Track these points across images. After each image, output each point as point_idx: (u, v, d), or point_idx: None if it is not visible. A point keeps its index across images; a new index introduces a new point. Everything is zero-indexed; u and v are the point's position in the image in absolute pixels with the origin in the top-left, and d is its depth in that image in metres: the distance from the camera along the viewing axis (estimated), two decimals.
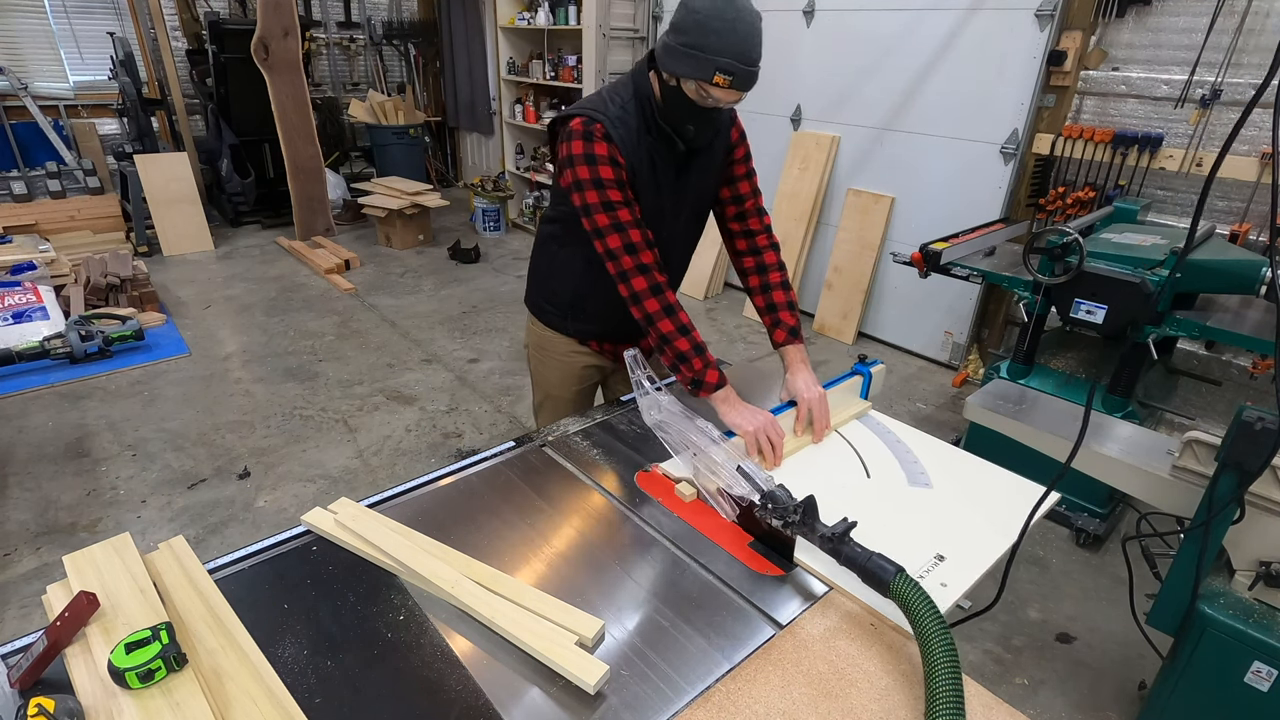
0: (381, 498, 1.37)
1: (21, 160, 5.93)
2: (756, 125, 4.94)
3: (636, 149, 1.52)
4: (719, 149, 1.69)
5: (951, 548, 1.25)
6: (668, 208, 1.65)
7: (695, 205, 1.73)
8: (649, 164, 1.56)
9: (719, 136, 1.68)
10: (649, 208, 1.59)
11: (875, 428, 1.66)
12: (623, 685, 0.99)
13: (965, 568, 1.20)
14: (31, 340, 3.82)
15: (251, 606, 1.08)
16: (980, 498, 1.41)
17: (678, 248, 1.80)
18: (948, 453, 1.57)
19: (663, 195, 1.62)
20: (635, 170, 1.53)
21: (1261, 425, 1.31)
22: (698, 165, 1.66)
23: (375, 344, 4.36)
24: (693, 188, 1.68)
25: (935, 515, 1.35)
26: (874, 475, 1.48)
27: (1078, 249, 2.38)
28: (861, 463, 1.51)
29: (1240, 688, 1.54)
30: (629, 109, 1.52)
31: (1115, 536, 2.80)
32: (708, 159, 1.67)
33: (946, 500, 1.40)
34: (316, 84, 7.34)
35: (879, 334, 4.62)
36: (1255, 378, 3.14)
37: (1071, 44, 3.38)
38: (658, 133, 1.54)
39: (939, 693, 0.91)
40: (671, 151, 1.58)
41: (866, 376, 1.75)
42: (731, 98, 1.45)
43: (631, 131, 1.51)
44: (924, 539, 1.27)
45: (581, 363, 1.91)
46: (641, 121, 1.53)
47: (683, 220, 1.73)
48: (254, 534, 2.70)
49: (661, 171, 1.59)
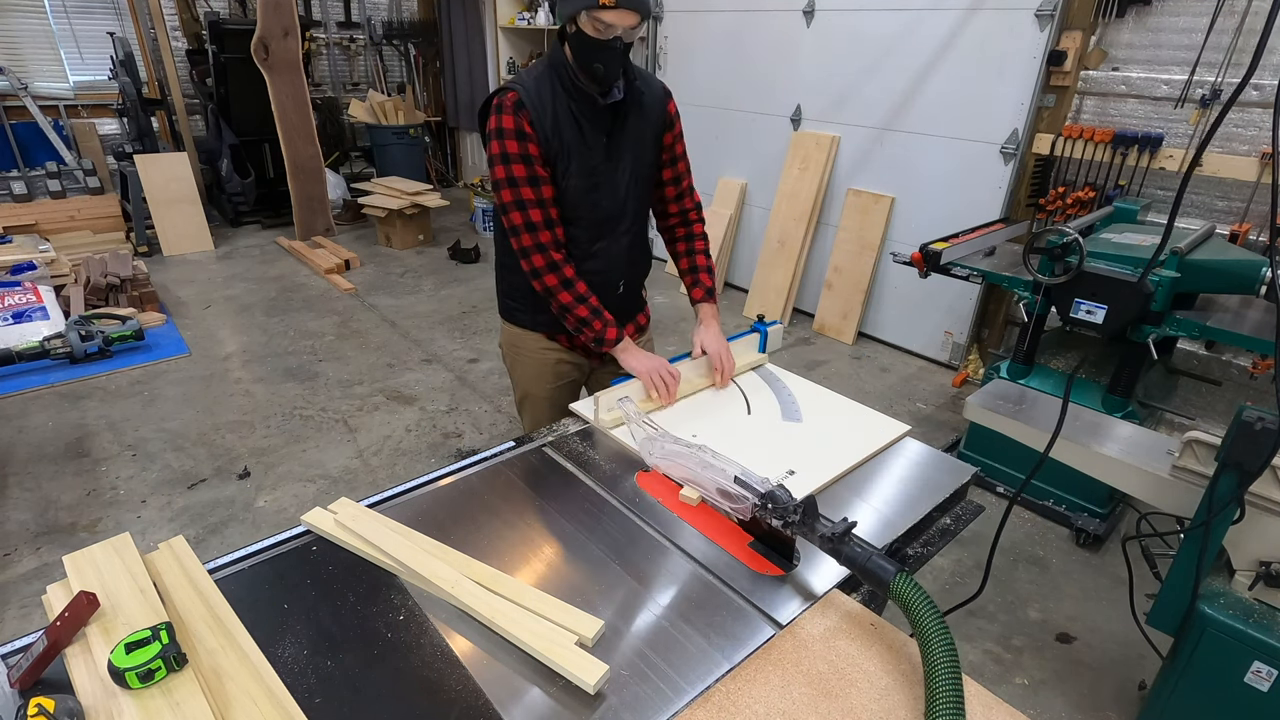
0: (381, 498, 1.37)
1: (21, 160, 5.93)
2: (757, 125, 4.95)
3: (554, 112, 1.60)
4: (651, 120, 1.75)
5: (802, 464, 1.47)
6: (602, 175, 1.70)
7: (635, 173, 1.75)
8: (572, 125, 1.62)
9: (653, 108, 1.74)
10: (579, 172, 1.66)
11: (766, 376, 1.90)
12: (623, 685, 0.99)
13: (810, 478, 1.43)
14: (31, 340, 3.82)
15: (251, 606, 1.08)
16: (841, 429, 1.63)
17: (627, 219, 1.80)
18: (827, 397, 1.79)
19: (594, 160, 1.67)
20: (554, 134, 1.60)
21: (1261, 425, 1.31)
22: (631, 130, 1.71)
23: (375, 344, 4.36)
24: (629, 150, 1.72)
25: (798, 441, 1.59)
26: (754, 411, 1.71)
27: (1078, 249, 2.38)
28: (746, 402, 1.75)
29: (1240, 688, 1.54)
30: (544, 76, 1.62)
31: (1115, 536, 2.80)
32: (641, 125, 1.73)
33: (811, 431, 1.63)
34: (316, 84, 7.34)
35: (879, 334, 4.62)
36: (1255, 378, 3.14)
37: (1071, 44, 3.38)
38: (578, 94, 1.61)
39: (939, 693, 0.91)
40: (595, 112, 1.64)
41: (763, 334, 1.97)
42: (626, 20, 1.50)
43: (547, 97, 1.59)
44: (782, 458, 1.49)
45: (554, 358, 1.93)
46: (558, 85, 1.61)
47: (624, 190, 1.75)
48: (254, 534, 2.70)
49: (589, 134, 1.65)
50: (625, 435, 1.56)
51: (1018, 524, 2.89)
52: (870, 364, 4.34)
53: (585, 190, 1.68)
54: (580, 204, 1.70)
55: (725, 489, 1.28)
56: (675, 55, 5.37)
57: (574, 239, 1.74)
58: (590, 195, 1.70)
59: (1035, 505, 2.92)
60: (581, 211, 1.71)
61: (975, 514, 1.48)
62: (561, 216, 1.70)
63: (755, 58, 4.81)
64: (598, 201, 1.71)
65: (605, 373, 2.00)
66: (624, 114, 1.69)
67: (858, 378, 4.16)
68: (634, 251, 1.87)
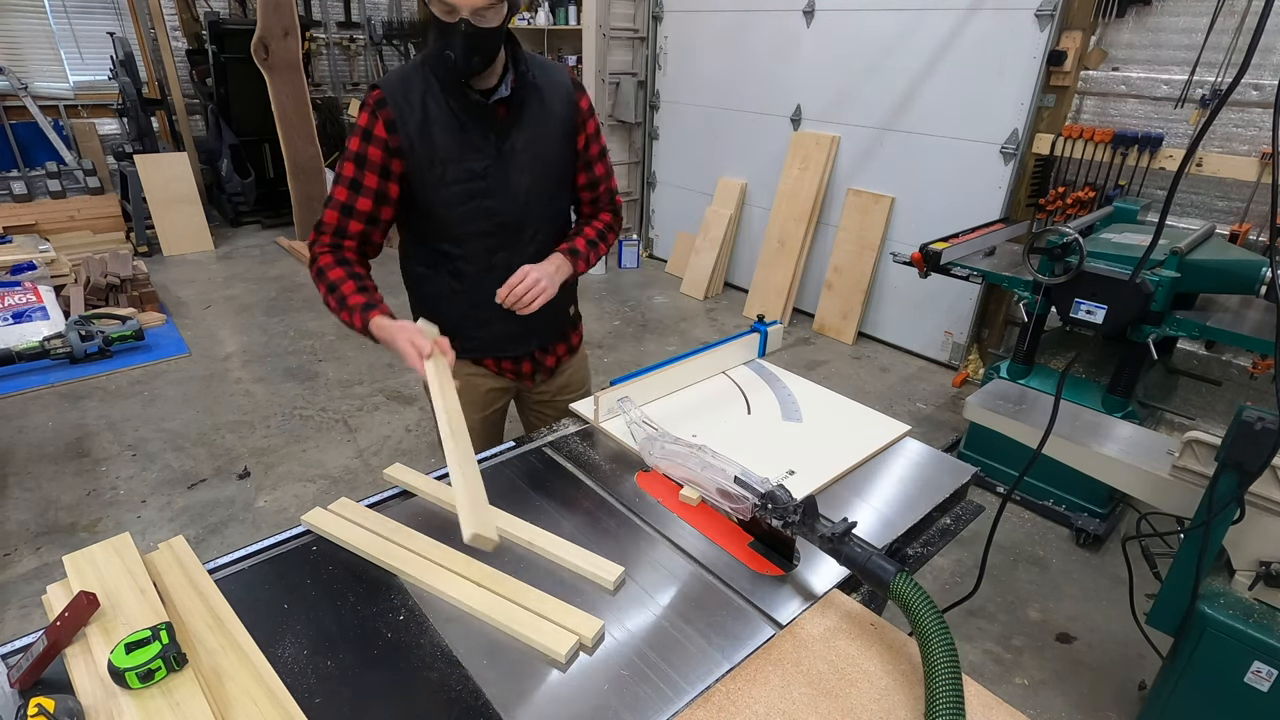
0: (382, 497, 1.37)
1: (21, 160, 5.93)
2: (756, 125, 4.95)
3: (422, 112, 1.47)
4: (557, 114, 1.59)
5: (803, 464, 1.47)
6: (493, 177, 1.54)
7: (537, 175, 1.59)
8: (450, 126, 1.48)
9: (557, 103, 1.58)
10: (463, 174, 1.51)
11: (765, 374, 1.88)
12: (623, 685, 0.99)
13: (810, 479, 1.43)
14: (31, 340, 3.82)
15: (251, 606, 1.08)
16: (842, 430, 1.63)
17: (529, 226, 1.63)
18: (827, 397, 1.78)
19: (479, 160, 1.52)
20: (421, 135, 1.47)
21: (1261, 425, 1.31)
22: (527, 129, 1.55)
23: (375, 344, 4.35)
24: (525, 153, 1.56)
25: (798, 441, 1.58)
26: (754, 411, 1.70)
27: (1078, 249, 2.38)
28: (746, 401, 1.74)
29: (1240, 688, 1.54)
30: (414, 73, 1.49)
31: (1115, 536, 2.80)
32: (540, 123, 1.57)
33: (812, 431, 1.63)
34: (316, 84, 7.34)
35: (879, 334, 4.63)
36: (1255, 378, 3.14)
37: (1071, 44, 3.38)
38: (454, 91, 1.47)
39: (939, 693, 0.91)
40: (478, 110, 1.49)
41: (763, 334, 1.97)
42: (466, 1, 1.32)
43: (416, 95, 1.47)
44: (782, 458, 1.49)
45: (484, 386, 1.80)
46: (432, 81, 1.47)
47: (524, 189, 1.58)
48: (254, 534, 2.70)
49: (474, 134, 1.50)
50: (625, 435, 1.56)
51: (1018, 524, 2.89)
52: (870, 364, 4.34)
53: (469, 195, 1.53)
54: (465, 212, 1.55)
55: (725, 489, 1.28)
56: (675, 55, 5.37)
57: (467, 255, 1.60)
58: (479, 202, 1.55)
59: (1035, 505, 2.92)
60: (469, 222, 1.57)
61: (975, 514, 1.48)
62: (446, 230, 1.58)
63: (755, 58, 4.81)
64: (490, 209, 1.56)
65: (535, 394, 1.89)
66: (516, 111, 1.53)
67: (858, 378, 4.16)
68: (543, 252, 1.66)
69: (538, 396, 1.91)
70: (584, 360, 1.99)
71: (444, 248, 1.63)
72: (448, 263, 1.64)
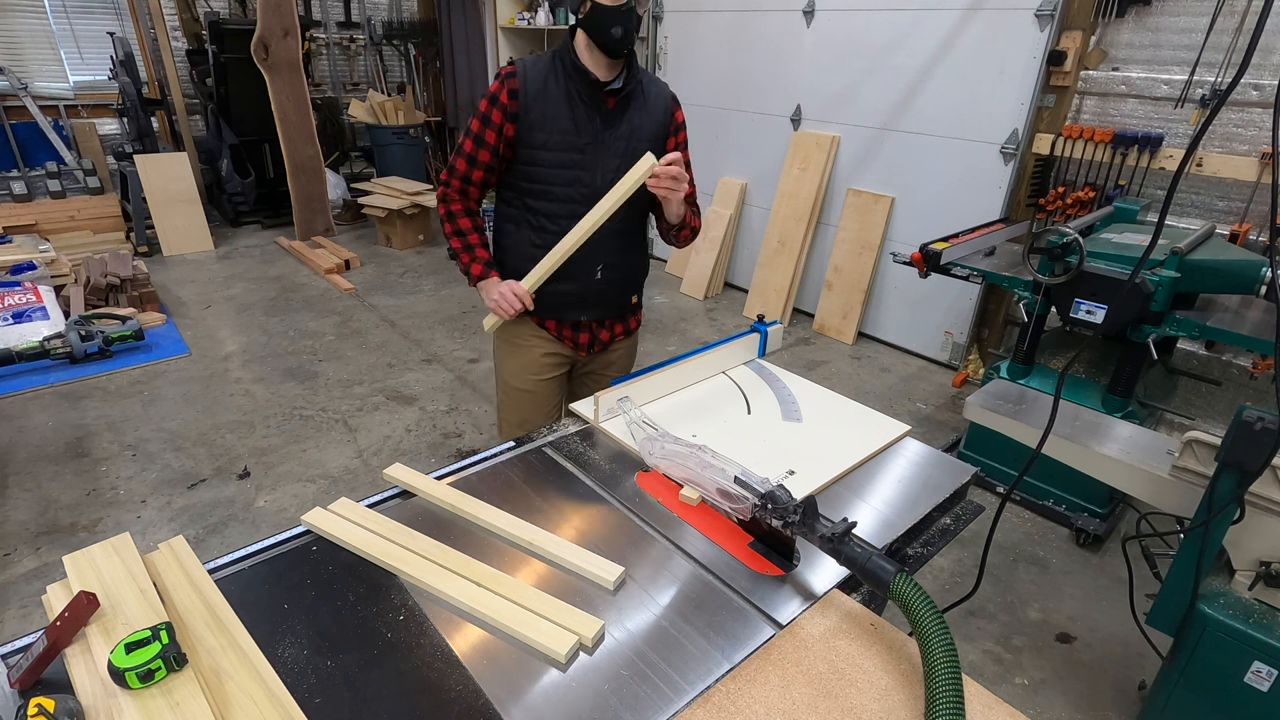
0: (382, 498, 1.37)
1: (21, 160, 5.93)
2: (756, 125, 4.95)
3: (543, 83, 1.72)
4: (655, 118, 1.82)
5: (803, 465, 1.48)
6: (589, 151, 1.76)
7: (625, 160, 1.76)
8: (563, 99, 1.73)
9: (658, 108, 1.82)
10: (563, 143, 1.74)
11: (765, 374, 1.89)
12: (622, 685, 0.99)
13: (809, 479, 1.43)
14: (31, 340, 3.82)
15: (251, 606, 1.08)
16: (842, 430, 1.63)
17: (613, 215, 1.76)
18: (827, 397, 1.79)
19: (582, 135, 1.75)
20: (538, 99, 1.71)
21: (1261, 425, 1.31)
22: (627, 121, 1.78)
23: (375, 344, 4.36)
24: (620, 141, 1.78)
25: (799, 442, 1.58)
26: (754, 411, 1.71)
27: (1078, 249, 2.38)
28: (746, 401, 1.75)
29: (1240, 688, 1.54)
30: (546, 58, 1.75)
31: (1115, 536, 2.80)
32: (638, 119, 1.80)
33: (812, 431, 1.63)
34: (316, 84, 7.34)
35: (879, 334, 4.62)
36: (1255, 378, 3.14)
37: (1071, 44, 3.38)
38: (575, 74, 1.71)
39: (939, 693, 0.91)
40: (591, 94, 1.73)
41: (763, 334, 1.97)
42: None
43: (542, 70, 1.73)
44: (783, 458, 1.49)
45: (541, 350, 1.97)
46: (558, 64, 1.73)
47: (611, 172, 1.76)
48: (254, 534, 2.70)
49: (581, 112, 1.74)
50: (625, 435, 1.56)
51: (1018, 524, 2.89)
52: (870, 364, 4.34)
53: (564, 165, 1.75)
54: (556, 178, 1.77)
55: (725, 489, 1.28)
56: (675, 55, 5.37)
57: (551, 213, 1.81)
58: (570, 171, 1.76)
59: (1035, 505, 2.92)
60: (559, 185, 1.78)
61: (975, 514, 1.48)
62: (537, 188, 1.79)
63: (755, 58, 4.81)
64: (582, 179, 1.77)
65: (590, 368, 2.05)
66: (622, 103, 1.76)
67: (858, 378, 4.16)
68: (619, 239, 1.87)
69: (586, 368, 2.08)
70: (634, 346, 2.15)
71: (534, 204, 1.83)
72: (533, 218, 1.84)
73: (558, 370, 2.02)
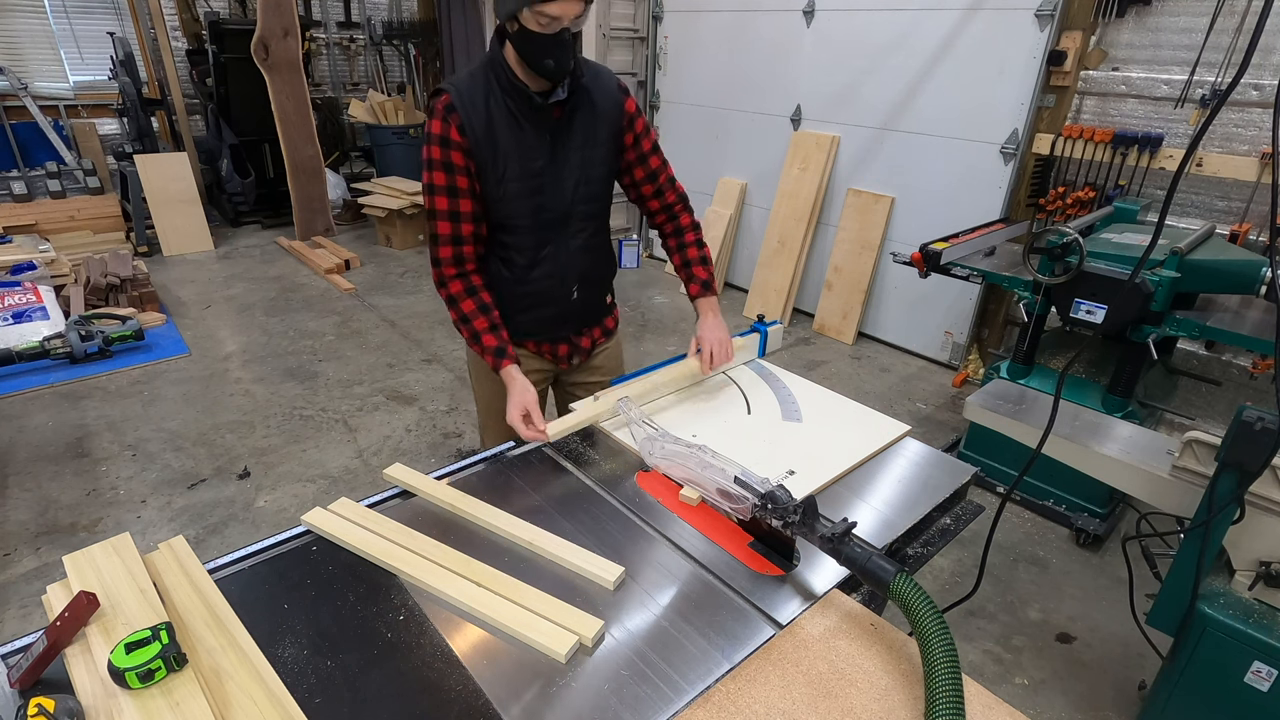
0: (382, 498, 1.37)
1: (21, 160, 5.93)
2: (756, 125, 4.95)
3: (485, 113, 1.54)
4: (605, 118, 1.66)
5: (803, 465, 1.47)
6: (546, 177, 1.62)
7: (585, 176, 1.67)
8: (510, 125, 1.56)
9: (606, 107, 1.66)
10: (517, 176, 1.59)
11: (765, 374, 1.88)
12: (623, 685, 0.99)
13: (809, 479, 1.43)
14: (31, 340, 3.82)
15: (251, 606, 1.08)
16: (841, 429, 1.63)
17: (578, 223, 1.72)
18: (828, 397, 1.78)
19: (536, 159, 1.60)
20: (486, 135, 1.54)
21: (1261, 425, 1.31)
22: (579, 130, 1.63)
23: (375, 344, 4.36)
24: (575, 153, 1.64)
25: (798, 442, 1.58)
26: (754, 411, 1.70)
27: (1078, 249, 2.38)
28: (746, 401, 1.74)
29: (1240, 688, 1.54)
30: (478, 76, 1.56)
31: (1115, 536, 2.80)
32: (590, 125, 1.64)
33: (812, 431, 1.63)
34: (316, 84, 7.33)
35: (879, 334, 4.62)
36: (1255, 378, 3.14)
37: (1071, 44, 3.38)
38: (515, 94, 1.54)
39: (939, 693, 0.91)
40: (536, 111, 1.56)
41: (763, 334, 1.95)
42: (570, 10, 1.41)
43: (480, 97, 1.54)
44: (782, 459, 1.49)
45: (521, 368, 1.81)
46: (494, 84, 1.54)
47: (571, 193, 1.67)
48: (254, 534, 2.70)
49: (531, 134, 1.58)
50: (625, 435, 1.56)
51: (1018, 524, 2.89)
52: (870, 364, 4.34)
53: (526, 194, 1.62)
54: (522, 208, 1.64)
55: (725, 489, 1.28)
56: (675, 55, 5.37)
57: (518, 245, 1.69)
58: (533, 199, 1.63)
59: (1035, 505, 2.92)
60: (523, 216, 1.65)
61: (975, 514, 1.48)
62: (501, 222, 1.65)
63: (755, 58, 4.81)
64: (541, 204, 1.65)
65: (575, 378, 1.96)
66: (570, 112, 1.61)
67: (858, 378, 4.16)
68: (589, 255, 1.79)
69: (571, 378, 1.99)
70: (618, 346, 2.05)
71: (497, 237, 1.71)
72: (500, 250, 1.73)
73: (540, 385, 1.92)
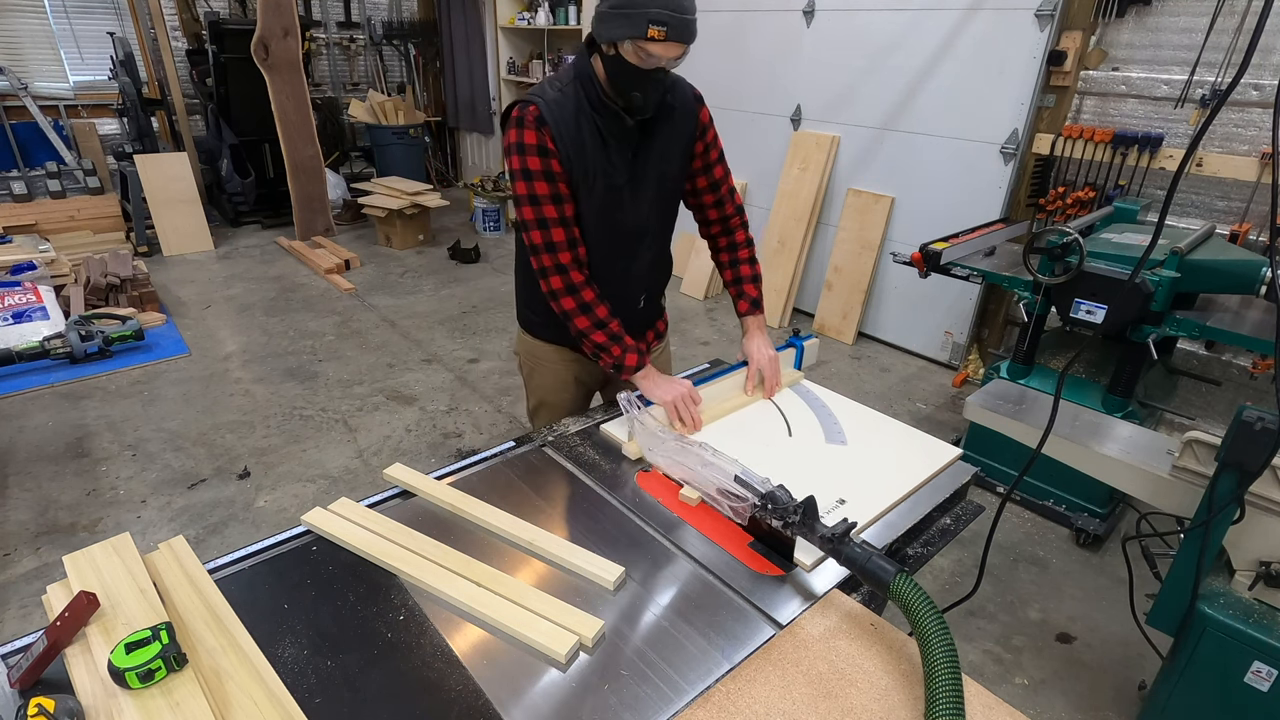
0: (382, 497, 1.37)
1: (21, 160, 5.93)
2: (756, 125, 4.94)
3: (576, 129, 1.51)
4: (682, 131, 1.66)
5: (853, 493, 1.38)
6: (626, 192, 1.61)
7: (660, 189, 1.68)
8: (597, 144, 1.54)
9: (683, 119, 1.66)
10: (602, 191, 1.58)
11: (804, 394, 1.80)
12: (623, 685, 0.99)
13: (862, 508, 1.34)
14: (31, 340, 3.82)
15: (251, 606, 1.08)
16: (889, 453, 1.55)
17: (649, 235, 1.74)
18: (869, 416, 1.71)
19: (618, 179, 1.59)
20: (574, 154, 1.52)
21: (1261, 425, 1.31)
22: (658, 146, 1.62)
23: (375, 344, 4.36)
24: (654, 168, 1.64)
25: (845, 467, 1.50)
26: (795, 434, 1.62)
27: (1078, 249, 2.38)
28: (786, 423, 1.66)
29: (1240, 688, 1.54)
30: (567, 91, 1.52)
31: (1115, 536, 2.80)
32: (668, 140, 1.64)
33: (858, 455, 1.55)
34: (316, 84, 7.33)
35: (879, 334, 4.62)
36: (1255, 378, 3.14)
37: (1071, 44, 3.38)
38: (604, 111, 1.52)
39: (939, 693, 0.91)
40: (622, 130, 1.55)
41: (799, 349, 1.89)
42: (671, 52, 1.42)
43: (570, 112, 1.51)
44: (831, 486, 1.40)
45: (573, 371, 1.88)
46: (582, 101, 1.52)
47: (647, 206, 1.68)
48: (254, 534, 2.70)
49: (615, 151, 1.56)
50: (625, 435, 1.56)
51: (1018, 524, 2.89)
52: (870, 364, 4.34)
53: (606, 209, 1.60)
54: (600, 223, 1.62)
55: (725, 489, 1.28)
56: None
57: (594, 259, 1.66)
58: (611, 215, 1.62)
59: (1035, 505, 2.92)
60: (599, 231, 1.63)
61: (975, 514, 1.48)
62: (582, 236, 1.62)
63: (755, 58, 4.81)
64: (620, 220, 1.64)
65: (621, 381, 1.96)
66: (651, 130, 1.60)
67: (858, 378, 4.16)
68: (655, 266, 1.82)
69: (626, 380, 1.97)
70: (667, 348, 2.06)
71: None
72: None
73: (592, 385, 1.96)
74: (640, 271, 1.76)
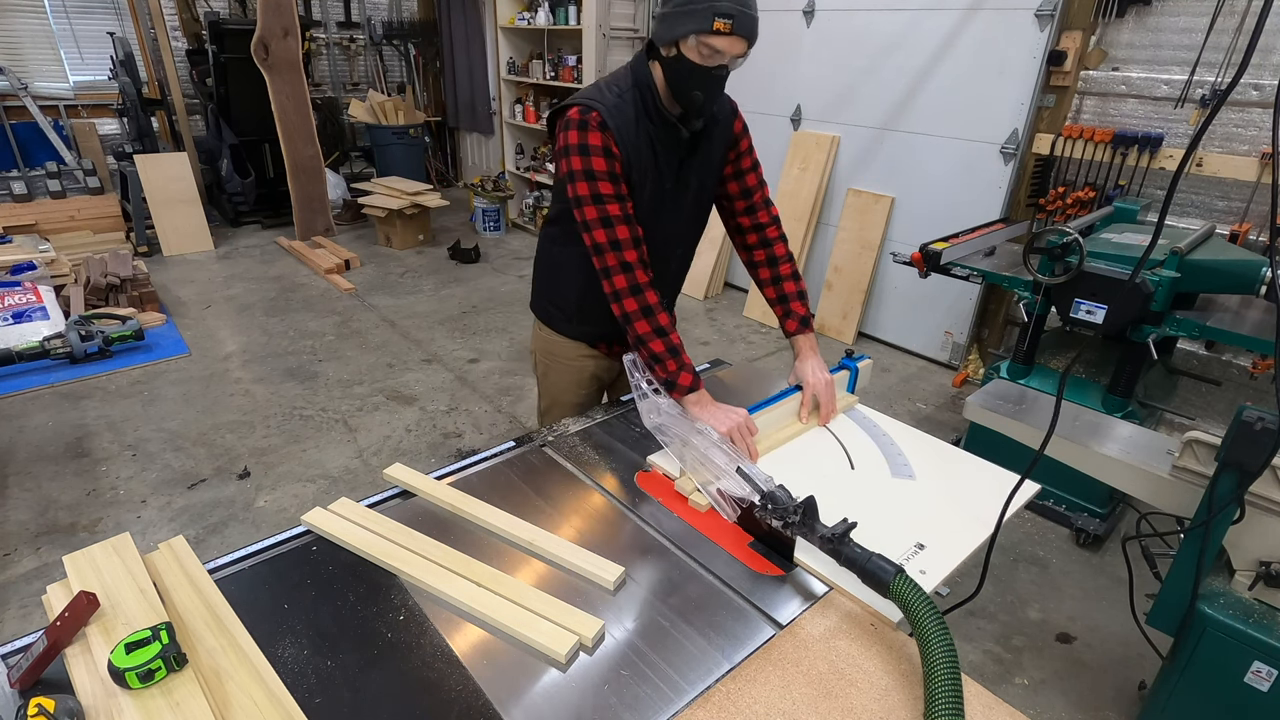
0: (382, 497, 1.37)
1: (21, 160, 5.93)
2: (756, 125, 4.91)
3: (635, 137, 1.51)
4: (719, 141, 1.67)
5: (931, 536, 1.28)
6: (669, 199, 1.63)
7: (698, 197, 1.71)
8: (650, 152, 1.54)
9: (719, 127, 1.66)
10: (649, 198, 1.58)
11: (861, 421, 1.69)
12: (623, 685, 0.99)
13: (944, 555, 1.25)
14: (31, 340, 3.82)
15: (251, 606, 1.08)
16: (961, 489, 1.44)
17: (682, 243, 1.78)
18: (931, 445, 1.60)
19: (664, 185, 1.60)
20: (633, 159, 1.52)
21: (1261, 425, 1.31)
22: (700, 157, 1.64)
23: (375, 344, 4.36)
24: (695, 179, 1.66)
25: (917, 505, 1.38)
26: (858, 467, 1.50)
27: (1078, 249, 2.38)
28: (846, 454, 1.54)
29: (1240, 688, 1.54)
30: (626, 97, 1.52)
31: (1115, 536, 2.80)
32: (709, 151, 1.65)
33: (928, 491, 1.43)
34: (316, 84, 7.34)
35: (879, 334, 4.62)
36: (1255, 378, 3.14)
37: (1071, 44, 3.38)
38: (659, 120, 1.53)
39: (939, 693, 0.91)
40: (674, 140, 1.57)
41: (853, 371, 1.79)
42: (736, 48, 1.44)
43: (629, 119, 1.50)
44: (905, 528, 1.30)
45: (590, 368, 1.89)
46: (640, 109, 1.52)
47: (685, 213, 1.71)
48: (254, 534, 2.70)
49: (664, 161, 1.58)
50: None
51: (1018, 524, 2.88)
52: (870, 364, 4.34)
53: (650, 215, 1.59)
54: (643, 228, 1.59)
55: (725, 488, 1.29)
56: None
57: None
58: (654, 221, 1.61)
59: (1035, 505, 2.92)
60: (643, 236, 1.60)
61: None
62: None
63: (755, 58, 4.75)
64: (659, 227, 1.63)
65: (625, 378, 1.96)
66: (695, 140, 1.61)
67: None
68: (682, 269, 1.86)
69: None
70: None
71: None
72: None
73: (606, 380, 1.96)
74: (669, 274, 1.79)
